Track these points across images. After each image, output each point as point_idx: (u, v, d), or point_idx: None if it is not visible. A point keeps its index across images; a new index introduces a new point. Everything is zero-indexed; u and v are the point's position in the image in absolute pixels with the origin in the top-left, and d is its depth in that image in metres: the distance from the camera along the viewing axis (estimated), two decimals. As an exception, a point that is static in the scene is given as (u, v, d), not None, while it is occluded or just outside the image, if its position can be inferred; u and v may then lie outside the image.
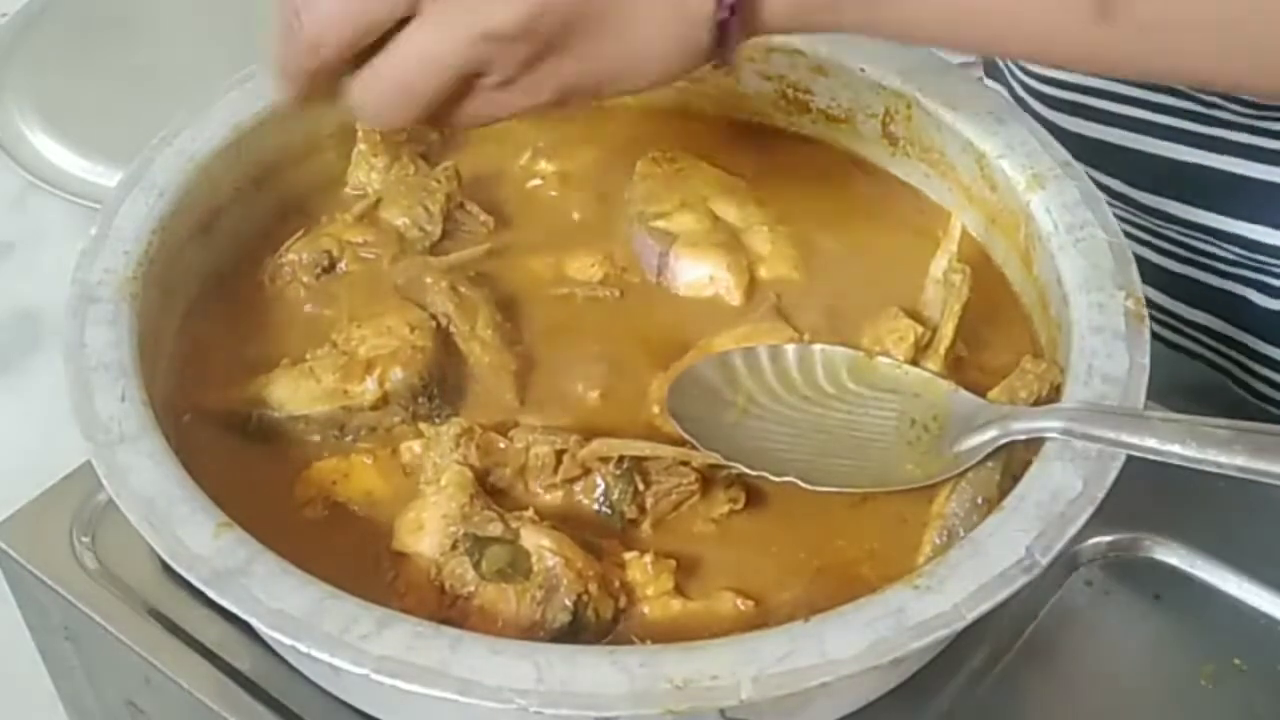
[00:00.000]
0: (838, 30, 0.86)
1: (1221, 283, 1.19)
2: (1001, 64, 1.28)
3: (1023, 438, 0.86)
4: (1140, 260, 0.93)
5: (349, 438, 0.93)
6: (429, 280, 0.99)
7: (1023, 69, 1.23)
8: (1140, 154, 1.15)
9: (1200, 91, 1.10)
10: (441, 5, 0.78)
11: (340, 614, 0.77)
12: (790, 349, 0.94)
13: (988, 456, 0.87)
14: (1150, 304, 0.89)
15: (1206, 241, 1.17)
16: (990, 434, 0.86)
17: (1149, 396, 0.87)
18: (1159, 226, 1.17)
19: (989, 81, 1.30)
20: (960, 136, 1.04)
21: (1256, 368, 1.23)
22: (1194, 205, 1.15)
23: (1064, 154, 1.01)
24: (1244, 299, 1.19)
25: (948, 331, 0.95)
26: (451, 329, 0.98)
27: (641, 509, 0.88)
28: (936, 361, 0.94)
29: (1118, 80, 1.15)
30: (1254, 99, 1.06)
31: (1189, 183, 1.14)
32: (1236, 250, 1.15)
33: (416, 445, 0.92)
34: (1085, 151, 1.03)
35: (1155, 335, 0.85)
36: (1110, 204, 0.96)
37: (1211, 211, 1.15)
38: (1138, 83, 1.13)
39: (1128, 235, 0.95)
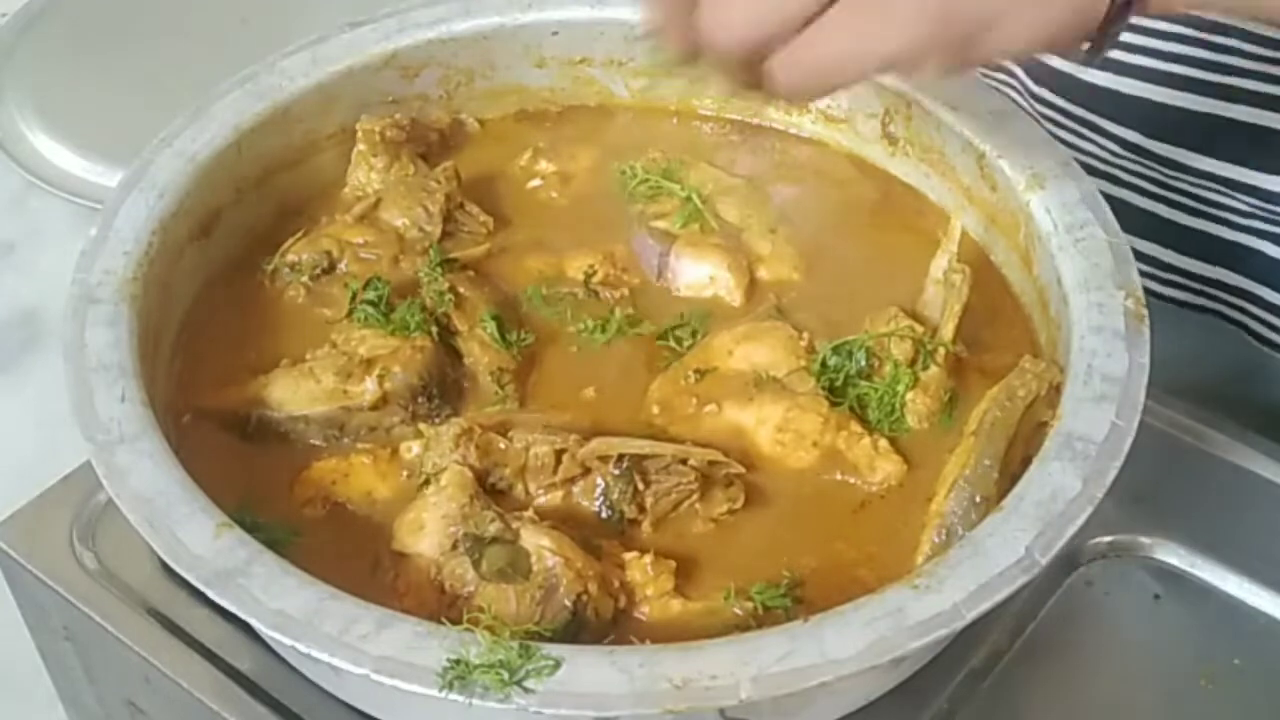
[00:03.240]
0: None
1: (1234, 235, 1.18)
2: None
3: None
4: (1151, 216, 0.91)
5: (349, 438, 0.93)
6: (429, 280, 0.99)
7: None
8: (1155, 104, 1.14)
9: (1214, 35, 1.10)
10: (850, 10, 0.76)
11: (340, 614, 0.77)
12: None
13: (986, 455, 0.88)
14: (1160, 263, 0.88)
15: (1220, 193, 1.16)
16: None
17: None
18: (1173, 178, 1.16)
19: None
20: (960, 136, 1.05)
21: (1270, 317, 1.21)
22: (1208, 155, 1.14)
23: (1064, 154, 1.01)
24: (1257, 252, 1.18)
25: (948, 331, 0.95)
26: (451, 329, 0.98)
27: (641, 508, 0.88)
28: (936, 361, 0.94)
29: (1135, 31, 1.14)
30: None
31: (1203, 132, 1.13)
32: (1250, 201, 1.14)
33: (416, 445, 0.92)
34: (1102, 102, 1.02)
35: (1163, 296, 0.83)
36: (1124, 156, 0.95)
37: (1225, 161, 1.14)
38: (1148, 30, 1.13)
39: (1142, 190, 0.93)
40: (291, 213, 1.07)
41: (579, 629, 0.82)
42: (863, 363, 0.94)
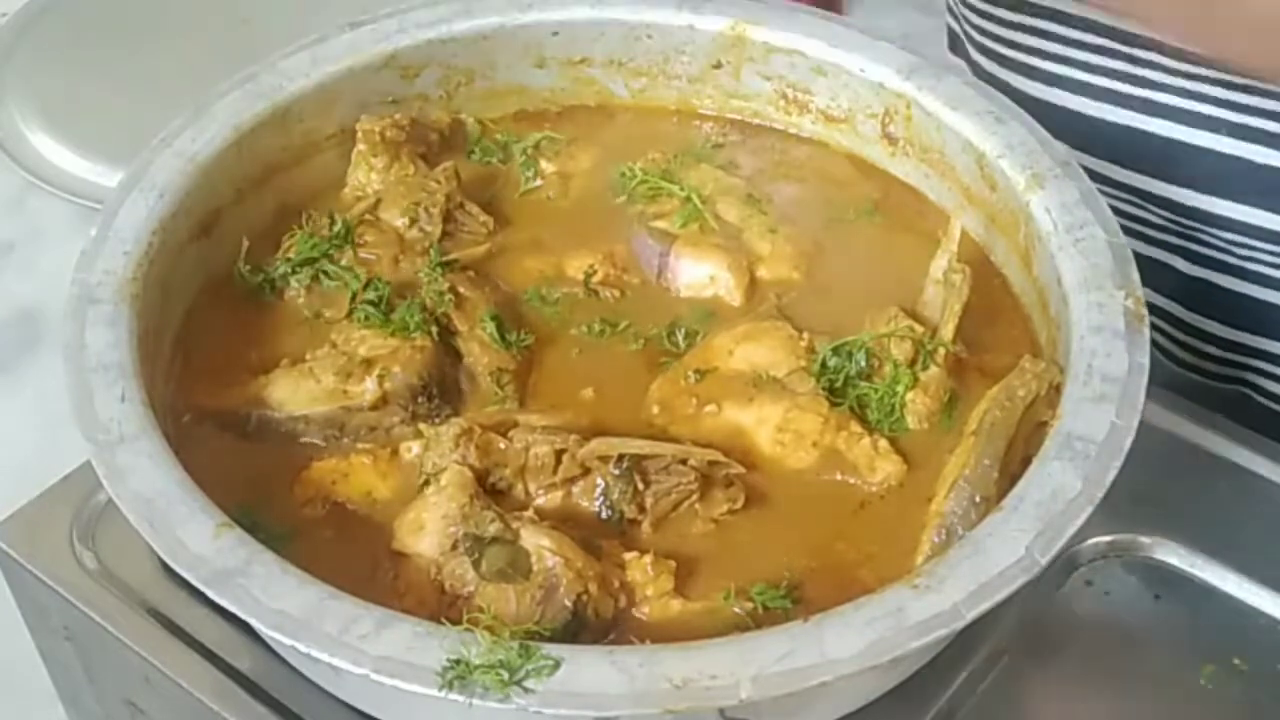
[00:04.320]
0: None
1: (1149, 250, 1.20)
2: (959, 28, 1.28)
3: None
4: None
5: (349, 438, 0.93)
6: (429, 280, 0.99)
7: (977, 29, 1.23)
8: (1082, 116, 1.16)
9: (1136, 49, 1.11)
10: None
11: (340, 614, 0.77)
12: None
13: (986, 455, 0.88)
14: None
15: (1137, 206, 1.17)
16: None
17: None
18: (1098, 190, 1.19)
19: (951, 56, 1.30)
20: (960, 136, 1.05)
21: (1178, 334, 1.23)
22: (1128, 168, 1.16)
23: (1064, 153, 1.01)
24: (1170, 267, 1.20)
25: (948, 331, 0.95)
26: (451, 329, 0.98)
27: (641, 508, 0.88)
28: (936, 361, 0.94)
29: (1051, 39, 1.16)
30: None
31: (1124, 146, 1.15)
32: (1165, 215, 1.16)
33: (416, 445, 0.92)
34: (1036, 114, 1.04)
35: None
36: None
37: (1143, 175, 1.15)
38: (1073, 41, 1.15)
39: None
40: (291, 212, 1.07)
41: (579, 629, 0.82)
42: (863, 363, 0.94)
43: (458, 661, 0.74)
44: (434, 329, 0.96)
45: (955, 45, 1.30)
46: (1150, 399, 0.87)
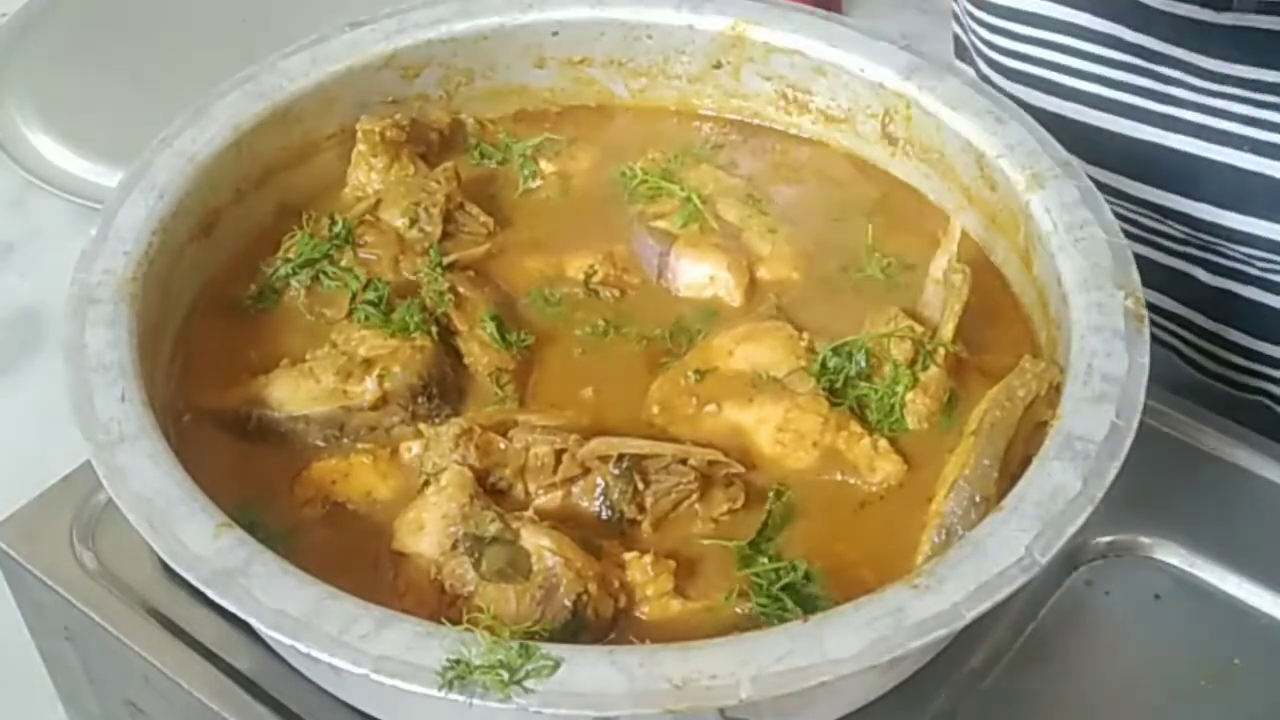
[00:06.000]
0: None
1: (1169, 260, 1.20)
2: (967, 39, 1.28)
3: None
4: None
5: (349, 438, 0.93)
6: (429, 280, 0.99)
7: (987, 43, 1.23)
8: (1100, 130, 1.16)
9: (1159, 66, 1.11)
10: None
11: (340, 614, 0.77)
12: None
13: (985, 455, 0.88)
14: None
15: (1156, 220, 1.17)
16: None
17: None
18: (1112, 204, 1.19)
19: (957, 63, 1.30)
20: (960, 136, 1.05)
21: (1202, 343, 1.23)
22: (1146, 183, 1.16)
23: (1063, 154, 1.01)
24: (1191, 276, 1.20)
25: (948, 331, 0.95)
26: (451, 329, 0.98)
27: (641, 508, 0.88)
28: (936, 361, 0.94)
29: (1070, 54, 1.16)
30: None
31: (1143, 161, 1.15)
32: (1183, 229, 1.16)
33: (416, 445, 0.92)
34: (1048, 128, 1.04)
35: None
36: None
37: (1162, 189, 1.15)
38: (1095, 57, 1.15)
39: None
40: (291, 213, 1.07)
41: (579, 629, 0.82)
42: (863, 364, 0.94)
43: (458, 661, 0.74)
44: (434, 329, 0.96)
45: (962, 54, 1.30)
46: (1150, 399, 0.87)
